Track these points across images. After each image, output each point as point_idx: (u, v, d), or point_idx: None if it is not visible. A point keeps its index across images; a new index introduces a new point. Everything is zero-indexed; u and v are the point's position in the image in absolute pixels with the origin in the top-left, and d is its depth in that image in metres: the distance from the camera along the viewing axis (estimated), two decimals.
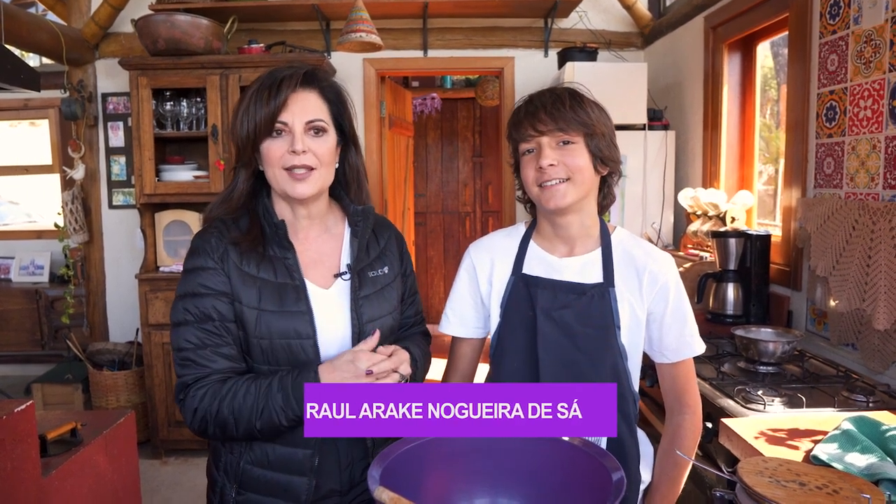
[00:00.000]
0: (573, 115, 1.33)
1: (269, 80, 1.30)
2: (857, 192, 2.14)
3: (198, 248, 1.33)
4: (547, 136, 1.33)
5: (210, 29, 3.62)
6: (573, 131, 1.33)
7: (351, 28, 3.27)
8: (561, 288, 1.39)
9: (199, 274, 1.30)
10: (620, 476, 0.87)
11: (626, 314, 1.39)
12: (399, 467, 0.95)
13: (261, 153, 1.31)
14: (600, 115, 1.38)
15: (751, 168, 3.15)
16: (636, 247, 1.44)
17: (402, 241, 1.55)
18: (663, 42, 3.91)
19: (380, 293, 1.41)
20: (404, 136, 4.98)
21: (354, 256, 1.40)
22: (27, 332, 4.50)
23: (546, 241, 1.46)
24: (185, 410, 1.27)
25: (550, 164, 1.33)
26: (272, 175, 1.32)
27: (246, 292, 1.30)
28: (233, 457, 1.35)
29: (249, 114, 1.29)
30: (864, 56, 2.09)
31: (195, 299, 1.29)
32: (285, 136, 1.30)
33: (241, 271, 1.31)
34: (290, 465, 1.32)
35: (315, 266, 1.38)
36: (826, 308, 2.25)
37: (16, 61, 2.19)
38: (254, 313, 1.29)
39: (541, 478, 0.99)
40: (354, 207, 1.44)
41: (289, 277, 1.32)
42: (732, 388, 1.90)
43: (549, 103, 1.34)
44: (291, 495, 1.32)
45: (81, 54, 4.04)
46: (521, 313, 1.42)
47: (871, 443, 1.39)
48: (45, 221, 5.27)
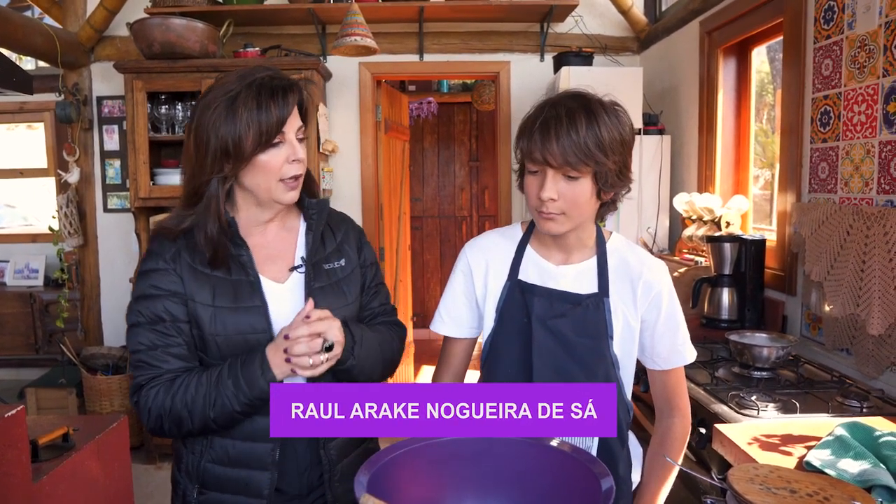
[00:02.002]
0: (585, 150, 1.24)
1: (266, 86, 1.26)
2: (852, 198, 2.13)
3: (150, 251, 1.34)
4: (554, 168, 1.27)
5: (205, 32, 3.62)
6: (582, 167, 1.26)
7: (346, 32, 3.27)
8: (557, 297, 1.39)
9: (150, 276, 1.31)
10: (610, 484, 0.86)
11: (619, 324, 1.39)
12: (386, 474, 0.94)
13: (252, 163, 1.27)
14: (615, 138, 1.28)
15: (746, 173, 3.15)
16: (631, 255, 1.43)
17: (360, 234, 1.56)
18: (659, 47, 3.91)
19: (335, 285, 1.42)
20: (400, 141, 4.98)
21: (309, 249, 1.40)
22: (21, 336, 4.48)
23: (543, 247, 1.45)
24: (140, 411, 1.28)
25: (551, 198, 1.28)
26: (265, 185, 1.29)
27: (200, 290, 1.30)
28: (194, 457, 1.35)
29: (245, 121, 1.23)
30: (858, 61, 2.09)
31: (147, 301, 1.30)
32: (282, 146, 1.28)
33: (195, 270, 1.31)
34: (250, 460, 1.32)
35: (272, 261, 1.39)
36: (821, 313, 2.25)
37: (8, 64, 2.18)
38: (209, 311, 1.29)
39: (530, 484, 0.98)
40: (309, 201, 1.44)
41: (243, 274, 1.32)
42: (726, 394, 1.89)
43: (564, 131, 1.24)
44: (253, 490, 1.32)
45: (76, 57, 4.03)
46: (516, 320, 1.41)
47: (864, 449, 1.38)
48: (40, 225, 5.25)
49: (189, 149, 1.29)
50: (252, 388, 1.23)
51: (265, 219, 1.38)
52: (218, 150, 1.25)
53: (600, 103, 1.31)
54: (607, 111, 1.30)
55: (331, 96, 4.20)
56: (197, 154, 1.27)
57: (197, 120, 1.28)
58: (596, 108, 1.28)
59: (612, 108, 1.32)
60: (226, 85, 1.27)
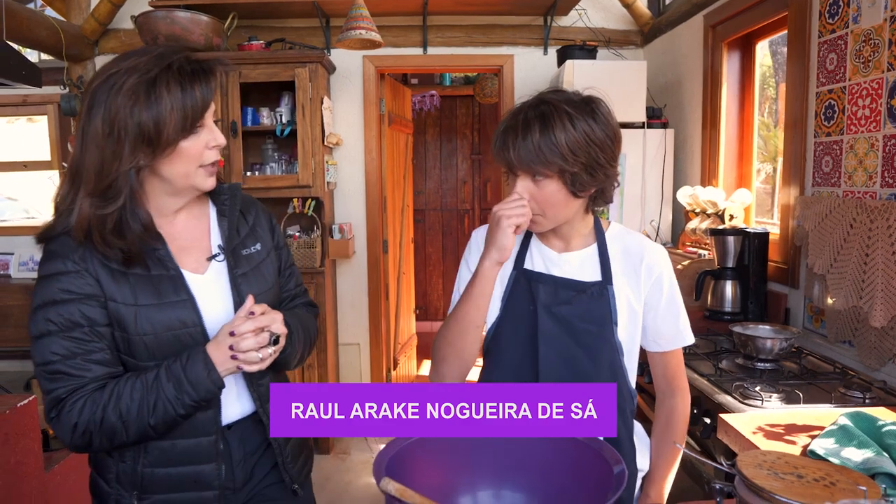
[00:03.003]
0: (541, 153, 1.27)
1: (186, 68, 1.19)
2: (855, 191, 2.15)
3: (53, 252, 1.21)
4: (518, 171, 1.32)
5: (210, 25, 3.63)
6: (542, 169, 1.29)
7: (351, 25, 3.28)
8: (562, 284, 1.41)
9: (58, 279, 1.19)
10: (622, 469, 0.88)
11: (623, 310, 1.41)
12: (403, 460, 0.96)
13: (174, 150, 1.20)
14: (575, 140, 1.28)
15: (749, 166, 3.17)
16: (631, 240, 1.47)
17: (270, 216, 1.51)
18: (662, 40, 3.92)
19: (256, 269, 1.39)
20: (403, 134, 4.99)
21: (226, 236, 1.36)
22: (26, 328, 4.47)
23: (544, 236, 1.48)
24: (62, 427, 1.17)
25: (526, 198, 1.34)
26: (184, 173, 1.23)
27: (119, 290, 1.21)
28: (125, 464, 1.28)
29: (168, 105, 1.15)
30: (862, 55, 2.11)
31: (57, 307, 1.17)
32: (202, 131, 1.23)
33: (110, 269, 1.21)
34: (194, 455, 1.29)
35: (186, 253, 1.32)
36: (823, 305, 2.27)
37: (18, 57, 2.19)
38: (131, 310, 1.21)
39: (543, 470, 1.01)
40: (220, 185, 1.39)
41: (163, 269, 1.25)
42: (730, 385, 1.92)
43: (519, 139, 1.29)
44: (202, 484, 1.30)
45: (81, 50, 4.03)
46: (521, 307, 1.43)
47: (867, 438, 1.41)
48: (42, 217, 5.26)
49: (96, 134, 1.16)
50: (198, 389, 1.19)
51: (175, 208, 1.31)
52: (138, 136, 1.15)
53: (566, 108, 1.30)
54: (573, 115, 1.29)
55: (335, 89, 4.22)
56: (109, 141, 1.15)
57: (107, 103, 1.15)
58: (554, 115, 1.28)
59: (585, 109, 1.31)
60: (139, 66, 1.16)
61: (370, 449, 4.10)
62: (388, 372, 4.59)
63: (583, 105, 1.32)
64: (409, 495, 0.84)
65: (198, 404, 1.21)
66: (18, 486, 1.97)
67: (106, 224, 1.18)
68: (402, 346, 4.98)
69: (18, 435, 1.99)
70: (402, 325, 4.97)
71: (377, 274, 4.37)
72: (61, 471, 2.21)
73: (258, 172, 3.96)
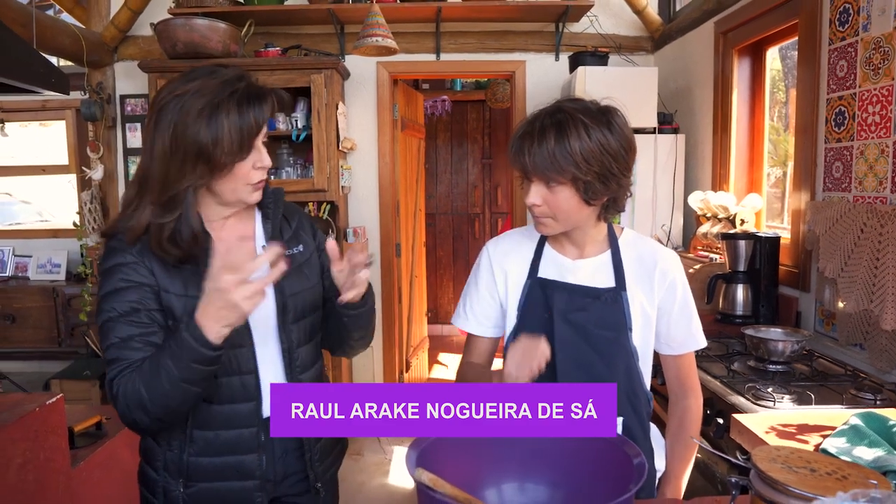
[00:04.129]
0: (556, 161, 1.30)
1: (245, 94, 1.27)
2: (866, 196, 2.19)
3: (114, 248, 1.31)
4: (533, 177, 1.36)
5: (227, 32, 3.69)
6: (556, 176, 1.33)
7: (367, 32, 3.34)
8: (577, 291, 1.45)
9: (119, 270, 1.29)
10: (641, 460, 0.93)
11: (637, 316, 1.45)
12: (432, 453, 1.00)
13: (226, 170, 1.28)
14: (590, 149, 1.30)
15: (760, 171, 3.20)
16: (644, 247, 1.50)
17: (311, 221, 1.59)
18: (673, 47, 3.96)
19: (298, 270, 1.44)
20: (416, 138, 5.04)
21: (269, 236, 1.43)
22: (45, 330, 4.57)
23: (558, 243, 1.51)
24: (117, 406, 1.24)
25: (535, 203, 1.38)
26: (231, 189, 1.32)
27: (172, 282, 1.30)
28: (172, 453, 1.35)
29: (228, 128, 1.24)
30: (872, 63, 2.14)
31: (119, 294, 1.27)
32: (252, 153, 1.30)
33: (162, 261, 1.30)
34: (237, 446, 1.35)
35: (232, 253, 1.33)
36: (834, 309, 2.30)
37: (47, 65, 2.25)
38: (181, 300, 1.29)
39: (565, 463, 1.05)
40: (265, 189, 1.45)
41: None
42: (743, 386, 1.95)
43: (536, 144, 1.32)
44: (245, 474, 1.36)
45: (101, 57, 4.11)
46: (537, 315, 1.47)
47: (878, 437, 1.44)
48: (57, 220, 5.34)
49: (163, 150, 1.25)
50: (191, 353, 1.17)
51: (225, 215, 1.40)
52: (199, 157, 1.24)
53: (581, 117, 1.32)
54: (588, 124, 1.31)
55: (349, 95, 4.27)
56: (174, 158, 1.24)
57: (175, 122, 1.24)
58: (570, 123, 1.31)
59: (601, 119, 1.33)
60: (206, 90, 1.25)
61: (383, 450, 4.14)
62: (400, 374, 4.64)
63: (599, 115, 1.34)
64: (441, 485, 0.88)
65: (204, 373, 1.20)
66: (46, 480, 2.03)
67: (163, 232, 1.27)
68: (415, 348, 5.03)
69: (47, 432, 2.04)
70: (414, 328, 5.02)
71: (390, 277, 4.42)
72: (86, 467, 2.26)
73: (274, 177, 4.02)
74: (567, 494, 1.03)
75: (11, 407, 1.96)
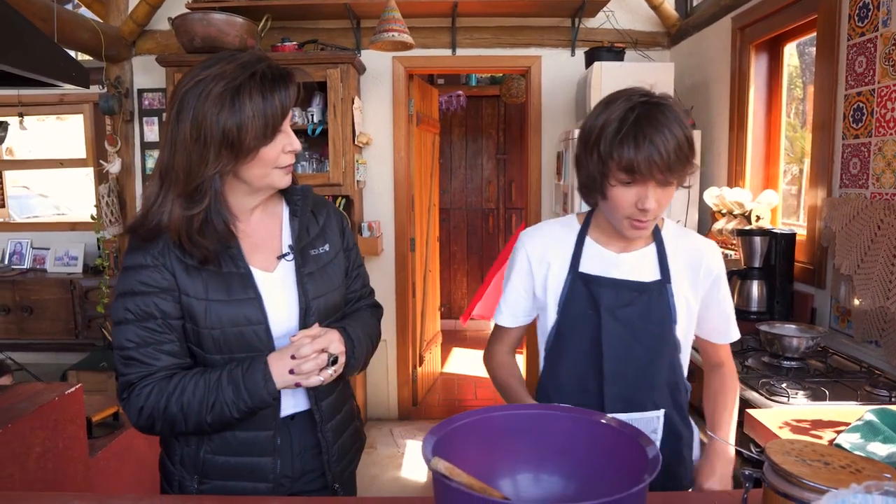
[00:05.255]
0: (686, 160, 1.30)
1: (268, 77, 1.23)
2: (883, 193, 2.17)
3: (136, 246, 1.29)
4: (654, 176, 1.29)
5: (245, 27, 3.71)
6: (685, 171, 1.32)
7: (384, 27, 3.35)
8: (623, 286, 1.43)
9: (138, 272, 1.27)
10: (656, 452, 0.93)
11: (682, 308, 1.44)
12: (448, 443, 1.01)
13: (254, 155, 1.25)
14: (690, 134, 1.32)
15: (776, 168, 3.19)
16: (687, 240, 1.50)
17: (341, 218, 1.54)
18: (689, 42, 3.94)
19: (323, 270, 1.42)
20: (431, 133, 5.05)
21: (296, 236, 1.39)
22: (62, 322, 4.63)
23: (604, 235, 1.48)
24: (130, 409, 1.26)
25: (654, 207, 1.31)
26: (261, 174, 1.28)
27: (192, 285, 1.28)
28: (190, 448, 1.35)
29: (249, 112, 1.20)
30: (892, 58, 2.13)
31: (135, 297, 1.26)
32: (279, 136, 1.27)
33: (185, 264, 1.28)
34: (253, 448, 1.34)
35: (258, 250, 1.37)
36: (850, 306, 2.29)
37: (68, 59, 2.28)
38: (202, 304, 1.28)
39: (580, 455, 1.05)
40: (294, 186, 1.43)
41: (234, 266, 1.31)
42: (757, 382, 1.95)
43: (673, 153, 1.27)
44: (258, 476, 1.35)
45: (119, 51, 4.15)
46: (581, 312, 1.44)
47: (893, 433, 1.44)
48: (74, 213, 5.40)
49: (185, 138, 1.22)
50: (253, 397, 1.24)
51: (252, 206, 1.36)
52: (223, 142, 1.21)
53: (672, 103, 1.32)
54: (678, 109, 1.31)
55: (365, 90, 4.29)
56: (196, 146, 1.21)
57: (195, 109, 1.21)
58: (673, 113, 1.29)
59: (677, 105, 1.34)
60: (226, 73, 1.21)
61: (396, 444, 4.17)
62: (413, 368, 4.66)
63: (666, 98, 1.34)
64: (457, 473, 0.89)
65: (252, 410, 1.26)
66: (65, 469, 2.06)
67: (193, 223, 1.24)
68: (428, 343, 5.05)
69: (66, 421, 2.07)
70: (427, 323, 5.04)
71: (404, 272, 4.43)
72: (104, 457, 2.29)
73: None
74: (581, 486, 1.04)
75: (31, 396, 2.00)
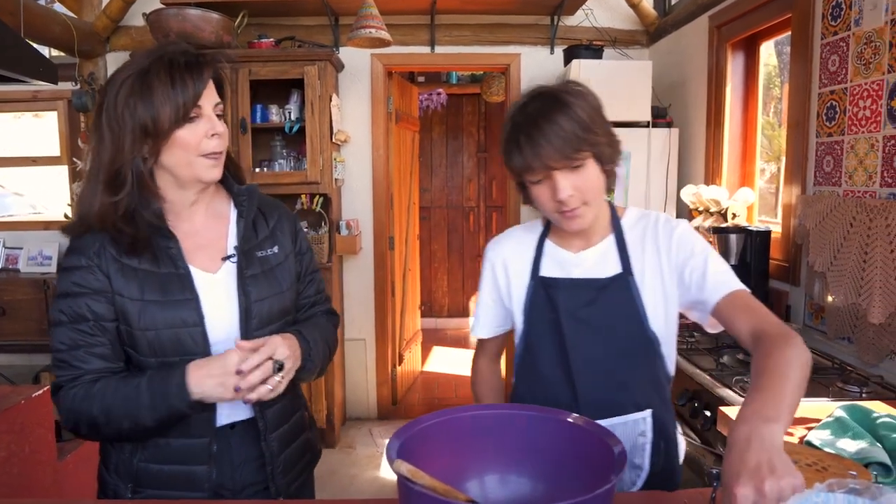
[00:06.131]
0: (577, 135, 1.25)
1: (180, 60, 1.22)
2: (856, 190, 2.19)
3: (73, 247, 1.28)
4: (556, 166, 1.27)
5: (221, 23, 3.67)
6: (581, 154, 1.27)
7: (361, 24, 3.32)
8: (581, 285, 1.37)
9: (72, 273, 1.26)
10: (621, 449, 0.93)
11: (652, 299, 1.36)
12: (414, 445, 1.00)
13: (171, 140, 1.23)
14: (593, 113, 1.29)
15: (752, 165, 3.21)
16: (646, 221, 1.42)
17: (294, 220, 1.51)
18: (668, 40, 3.96)
19: (269, 273, 1.38)
20: (410, 131, 5.03)
21: (241, 237, 1.37)
22: (35, 322, 4.55)
23: (561, 238, 1.44)
24: (59, 410, 1.25)
25: (570, 194, 1.28)
26: (185, 162, 1.25)
27: (127, 285, 1.26)
28: (124, 456, 1.31)
29: (160, 97, 1.19)
30: (864, 57, 2.14)
31: (68, 299, 1.25)
32: (200, 121, 1.25)
33: (122, 264, 1.26)
34: (188, 455, 1.30)
35: (202, 250, 1.34)
36: (823, 303, 2.31)
37: (35, 54, 2.24)
38: (137, 305, 1.25)
39: (548, 456, 1.05)
40: (238, 187, 1.41)
41: (172, 267, 1.28)
42: (731, 379, 1.96)
43: (549, 131, 1.25)
44: (194, 485, 1.30)
45: (92, 47, 4.09)
46: (544, 317, 1.40)
47: (862, 429, 1.45)
48: (49, 213, 5.32)
49: (101, 130, 1.22)
50: (166, 405, 1.20)
51: (189, 201, 1.34)
52: (135, 127, 1.20)
53: (563, 90, 1.31)
54: (571, 93, 1.29)
55: (343, 87, 4.26)
56: (112, 134, 1.21)
57: (108, 99, 1.22)
58: (562, 97, 1.28)
59: (574, 89, 1.31)
60: (136, 61, 1.23)
61: (375, 444, 4.15)
62: (393, 368, 4.64)
63: (568, 84, 1.33)
64: (421, 476, 0.88)
65: (168, 418, 1.22)
66: (32, 474, 2.02)
67: (116, 210, 1.23)
68: (408, 342, 5.03)
69: (33, 424, 2.03)
70: (407, 322, 5.02)
71: (383, 270, 4.41)
72: (73, 460, 2.25)
73: (267, 169, 4.01)
74: (549, 486, 1.03)
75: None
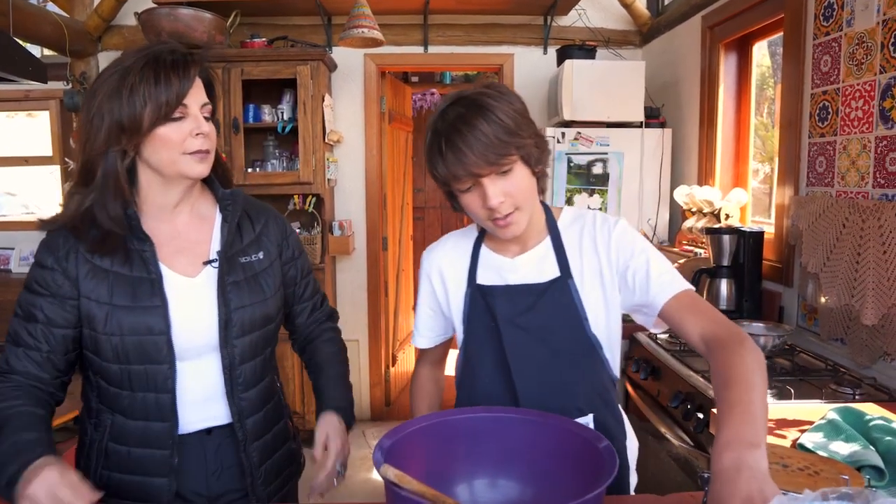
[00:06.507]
0: (500, 139, 1.20)
1: (167, 59, 1.20)
2: (848, 191, 2.19)
3: (44, 244, 1.26)
4: (483, 173, 1.22)
5: (213, 23, 3.65)
6: (508, 158, 1.22)
7: (353, 24, 3.31)
8: (518, 291, 1.34)
9: (37, 270, 1.24)
10: (607, 443, 0.92)
11: (592, 301, 1.33)
12: (402, 449, 0.99)
13: (152, 136, 1.20)
14: (516, 115, 1.24)
15: (745, 166, 3.20)
16: (583, 223, 1.39)
17: (283, 224, 1.47)
18: (661, 41, 3.95)
19: (252, 280, 1.35)
20: (404, 131, 5.02)
21: (225, 241, 1.33)
22: None
23: (497, 243, 1.40)
24: None
25: (500, 201, 1.24)
26: (168, 160, 1.22)
27: (96, 287, 1.22)
28: (90, 462, 1.28)
29: (143, 95, 1.17)
30: (855, 58, 2.14)
31: (28, 295, 1.23)
32: (185, 121, 1.22)
33: (93, 265, 1.23)
34: (147, 467, 1.26)
35: (183, 253, 1.30)
36: (816, 304, 2.30)
37: (24, 53, 2.22)
38: (104, 309, 1.21)
39: (537, 459, 1.04)
40: (223, 191, 1.38)
41: (145, 271, 1.24)
42: None
43: (472, 138, 1.20)
44: (152, 497, 1.27)
45: (84, 46, 4.06)
46: (482, 326, 1.36)
47: (854, 432, 1.44)
48: (42, 213, 5.28)
49: (87, 127, 1.20)
50: None
51: (173, 201, 1.30)
52: (112, 124, 1.18)
53: (483, 94, 1.25)
54: (492, 96, 1.25)
55: (336, 87, 4.25)
56: (89, 129, 1.19)
57: (90, 94, 1.20)
58: (482, 101, 1.23)
59: (494, 93, 1.26)
60: (121, 60, 1.21)
61: (367, 445, 4.13)
62: (386, 369, 4.63)
63: (488, 88, 1.28)
64: (408, 481, 0.87)
65: None
66: None
67: (81, 205, 1.21)
68: (401, 342, 5.02)
69: None
70: (400, 322, 5.00)
71: (377, 271, 4.40)
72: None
73: (259, 169, 3.99)
74: (538, 490, 1.02)
75: None
